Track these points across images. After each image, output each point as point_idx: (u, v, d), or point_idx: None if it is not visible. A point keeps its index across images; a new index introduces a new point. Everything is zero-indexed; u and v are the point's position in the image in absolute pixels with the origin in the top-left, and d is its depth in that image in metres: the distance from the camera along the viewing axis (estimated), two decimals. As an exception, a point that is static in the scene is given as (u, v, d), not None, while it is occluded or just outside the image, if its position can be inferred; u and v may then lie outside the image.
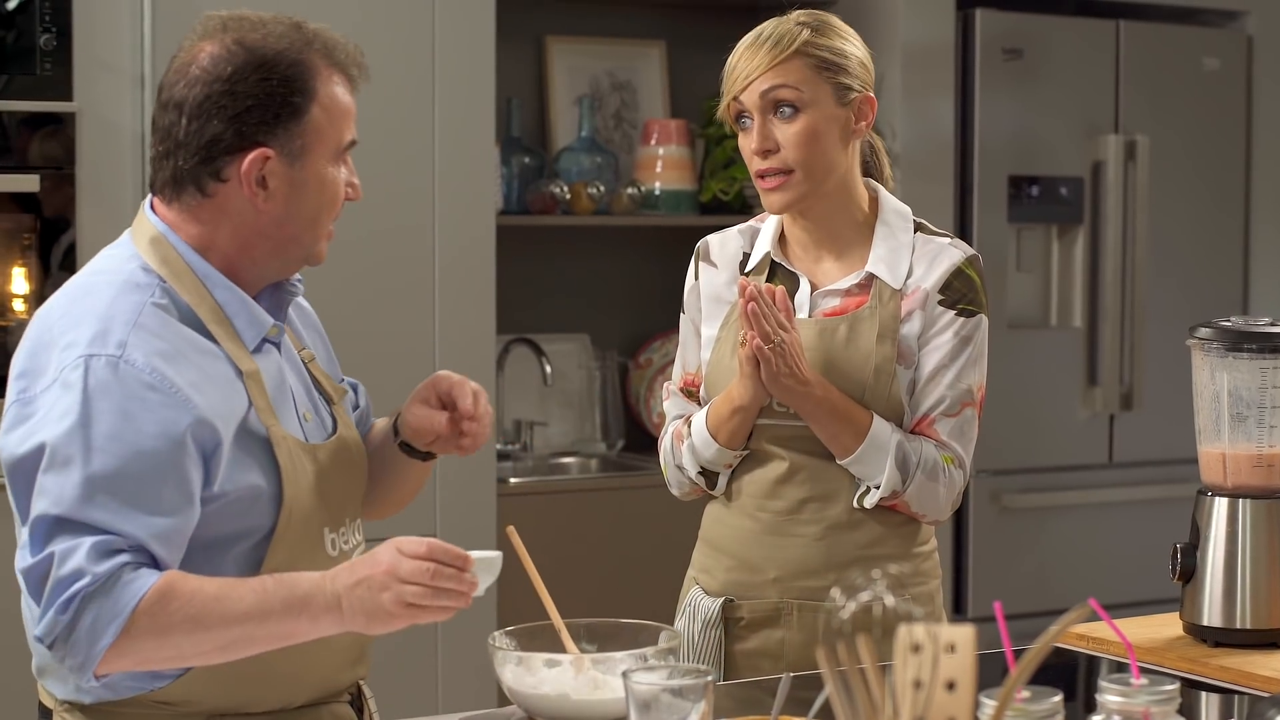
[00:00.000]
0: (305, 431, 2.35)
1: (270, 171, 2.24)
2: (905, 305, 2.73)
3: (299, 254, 2.32)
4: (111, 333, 2.17)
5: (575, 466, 5.23)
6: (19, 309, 4.13)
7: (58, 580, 2.09)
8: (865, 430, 2.67)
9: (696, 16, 5.49)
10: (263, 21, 2.28)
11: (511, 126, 5.09)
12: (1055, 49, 5.35)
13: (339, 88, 2.29)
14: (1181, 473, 5.60)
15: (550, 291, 5.32)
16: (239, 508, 2.22)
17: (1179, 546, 2.67)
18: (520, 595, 4.48)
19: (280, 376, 2.33)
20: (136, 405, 2.14)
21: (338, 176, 2.30)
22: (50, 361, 2.18)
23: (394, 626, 2.16)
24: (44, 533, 2.12)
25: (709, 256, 2.88)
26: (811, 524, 2.75)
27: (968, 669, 1.41)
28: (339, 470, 2.37)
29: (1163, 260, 5.54)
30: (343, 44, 2.32)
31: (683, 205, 5.22)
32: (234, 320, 2.28)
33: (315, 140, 2.26)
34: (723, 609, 2.79)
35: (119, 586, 2.09)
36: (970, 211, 5.25)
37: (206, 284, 2.27)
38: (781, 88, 2.71)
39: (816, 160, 2.72)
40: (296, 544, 2.27)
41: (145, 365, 2.16)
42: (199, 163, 2.24)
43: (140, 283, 2.24)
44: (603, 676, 2.19)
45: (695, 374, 2.87)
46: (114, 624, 2.09)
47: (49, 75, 4.11)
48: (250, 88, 2.22)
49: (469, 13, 4.55)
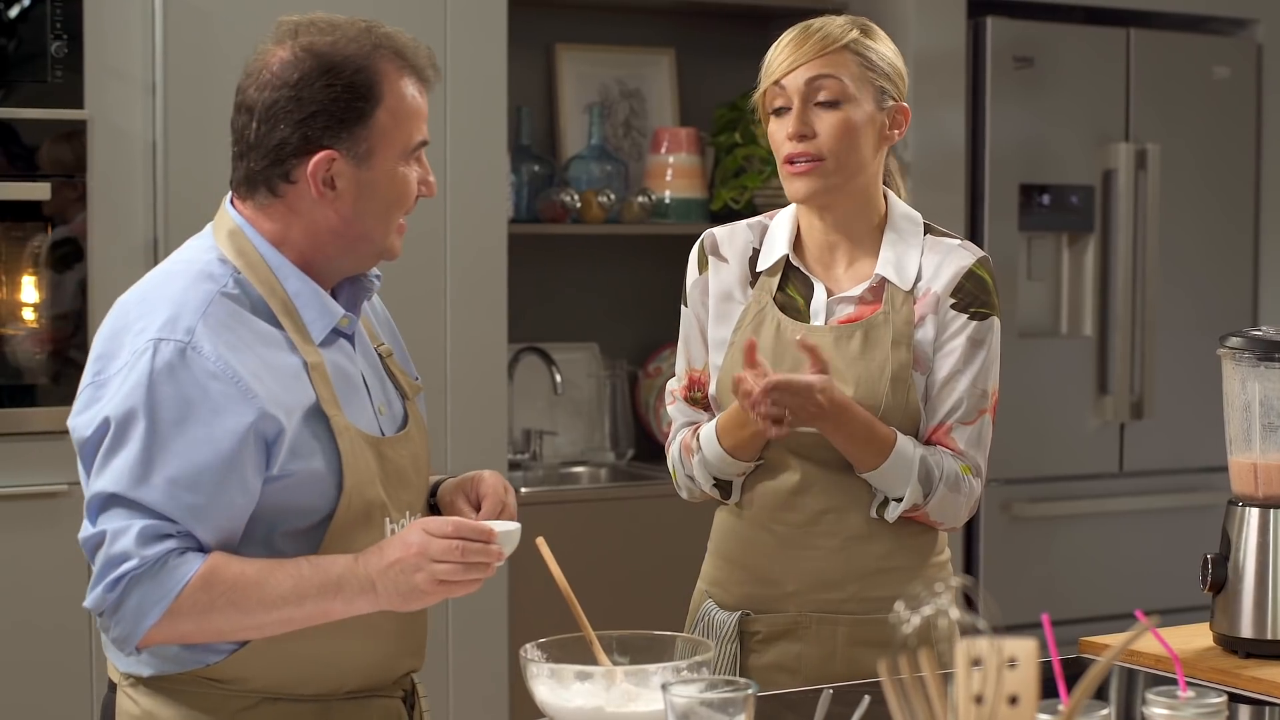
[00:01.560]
0: (380, 423, 2.41)
1: (337, 173, 2.31)
2: (918, 310, 2.71)
3: (370, 250, 2.39)
4: (181, 319, 2.26)
5: (585, 476, 5.21)
6: (29, 317, 4.11)
7: (108, 558, 2.21)
8: (889, 448, 2.65)
9: (706, 24, 5.48)
10: (334, 26, 2.35)
11: (521, 134, 5.07)
12: (1066, 57, 5.34)
13: (409, 90, 2.35)
14: (1192, 482, 5.60)
15: (559, 300, 5.30)
16: (299, 489, 2.29)
17: (1209, 557, 2.65)
18: (529, 608, 4.48)
19: (350, 368, 2.40)
20: (199, 393, 2.23)
21: (408, 175, 2.37)
22: (124, 345, 2.27)
23: (427, 603, 2.29)
24: (99, 507, 2.23)
25: (717, 250, 2.85)
26: (829, 536, 2.73)
27: (1030, 683, 1.39)
28: (404, 463, 2.42)
29: (1173, 269, 5.52)
30: (414, 46, 2.39)
31: (693, 214, 5.20)
32: (303, 311, 2.35)
33: (382, 142, 2.32)
34: (739, 623, 2.77)
35: (165, 571, 2.21)
36: (981, 220, 5.23)
37: (278, 275, 2.36)
38: (828, 78, 2.70)
39: (850, 155, 2.71)
40: (355, 529, 2.33)
41: (212, 353, 2.24)
42: (268, 165, 2.33)
43: (214, 273, 2.33)
44: (635, 689, 2.17)
45: (701, 371, 2.84)
46: (158, 606, 2.21)
47: (60, 83, 4.09)
48: (316, 94, 2.30)
49: (481, 21, 4.54)
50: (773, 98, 2.75)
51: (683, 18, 5.47)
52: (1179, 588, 5.52)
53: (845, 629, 2.73)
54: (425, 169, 2.41)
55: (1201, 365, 5.59)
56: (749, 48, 5.57)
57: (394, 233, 2.39)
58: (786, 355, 2.72)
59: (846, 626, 2.73)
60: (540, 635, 2.29)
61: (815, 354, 2.56)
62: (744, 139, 5.17)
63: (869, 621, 2.72)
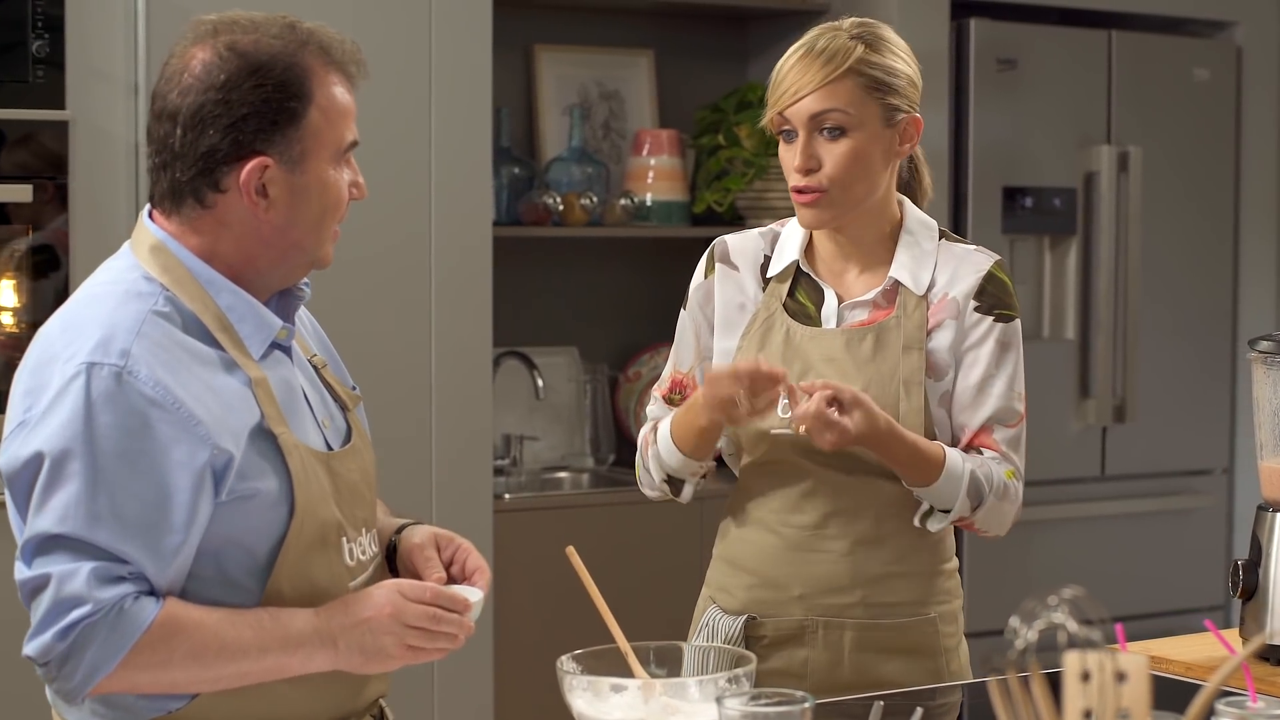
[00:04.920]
0: (326, 437, 2.30)
1: (270, 179, 2.18)
2: (933, 316, 2.69)
3: (304, 259, 2.27)
4: (114, 341, 2.11)
5: (567, 482, 5.16)
6: (7, 323, 4.03)
7: (56, 603, 2.06)
8: (940, 467, 2.62)
9: (685, 25, 5.45)
10: (255, 24, 2.21)
11: (501, 136, 5.02)
12: (1048, 59, 5.32)
13: (337, 88, 2.23)
14: (1175, 485, 5.60)
15: (539, 303, 5.26)
16: (248, 514, 2.16)
17: (1240, 563, 2.62)
18: (514, 617, 4.43)
19: (292, 383, 2.28)
20: (139, 422, 2.09)
21: (340, 179, 2.25)
22: (54, 374, 2.12)
23: (389, 667, 2.22)
24: (37, 549, 2.08)
25: (728, 258, 2.81)
26: (838, 539, 2.70)
27: (1143, 698, 1.34)
28: (354, 477, 2.32)
29: (1155, 272, 5.51)
30: (339, 41, 2.26)
31: (675, 216, 5.16)
32: (239, 326, 2.22)
33: (315, 144, 2.20)
34: (744, 627, 2.73)
35: (122, 618, 2.07)
36: (965, 223, 5.21)
37: (210, 290, 2.22)
38: (831, 112, 2.67)
39: (857, 181, 2.69)
40: (311, 552, 2.22)
41: (149, 378, 2.10)
42: (196, 174, 2.19)
43: (142, 291, 2.19)
44: (674, 701, 2.12)
45: (686, 375, 2.82)
46: (115, 656, 2.07)
47: (41, 83, 4.01)
48: (245, 95, 2.16)
49: (466, 23, 4.49)
50: (779, 122, 2.71)
51: (661, 19, 5.43)
52: (1161, 592, 5.52)
53: (852, 634, 2.70)
54: (354, 170, 2.28)
55: (1184, 368, 5.59)
56: (728, 49, 5.57)
57: (328, 240, 2.27)
58: (796, 360, 2.70)
59: (854, 631, 2.70)
60: (527, 650, 2.24)
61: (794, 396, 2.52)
62: (727, 141, 5.13)
63: (876, 627, 2.70)
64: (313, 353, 2.41)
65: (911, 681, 2.66)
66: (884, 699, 2.10)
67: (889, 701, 2.04)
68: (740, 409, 2.53)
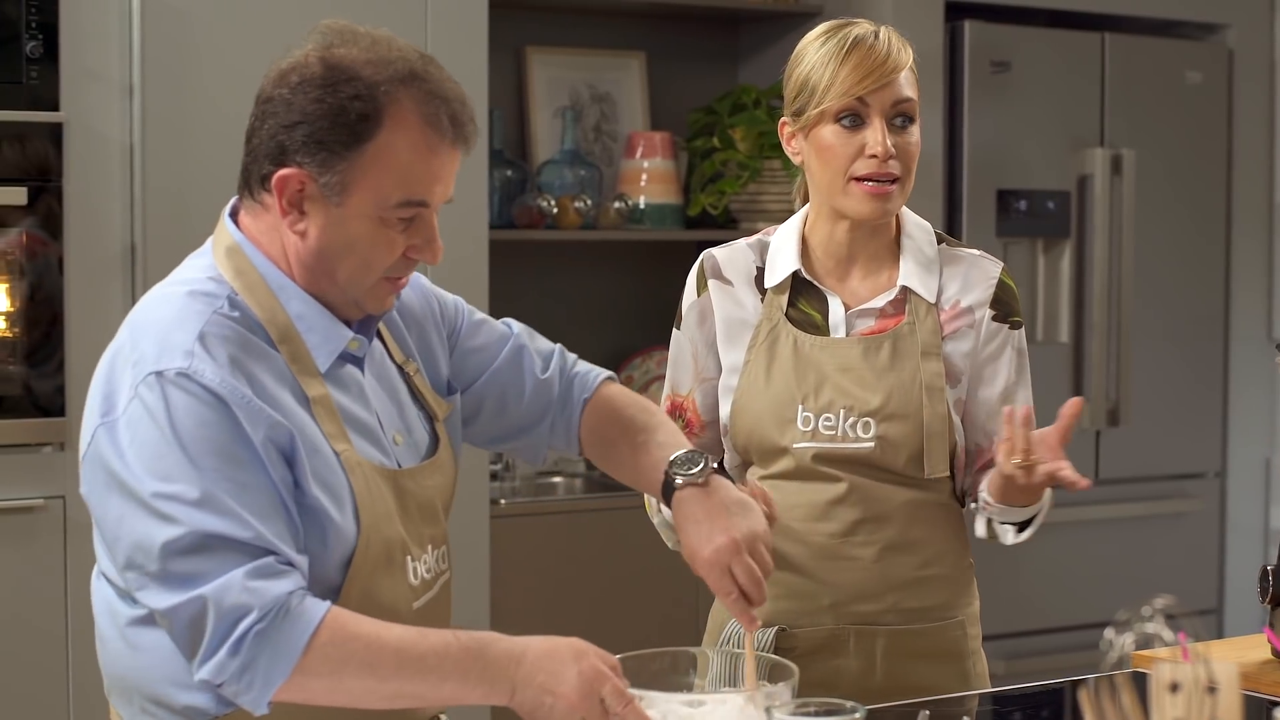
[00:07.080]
0: (396, 455, 2.21)
1: (310, 197, 2.08)
2: (947, 323, 2.67)
3: (340, 297, 2.15)
4: (177, 346, 2.03)
5: (561, 487, 5.14)
6: (1, 326, 3.98)
7: (221, 615, 1.96)
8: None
9: (675, 27, 5.43)
10: (374, 42, 2.12)
11: (493, 139, 4.98)
12: (1041, 61, 5.31)
13: (416, 140, 2.07)
14: (1168, 489, 5.59)
15: (531, 306, 5.21)
16: (315, 527, 2.07)
17: (1269, 569, 2.60)
18: (510, 622, 4.39)
19: (359, 396, 2.19)
20: (212, 415, 2.00)
21: (381, 234, 2.09)
22: (125, 380, 2.05)
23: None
24: (177, 557, 1.98)
25: (720, 273, 2.75)
26: (867, 546, 2.67)
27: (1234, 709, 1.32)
28: (428, 494, 2.25)
29: (1148, 275, 5.50)
30: (452, 100, 2.11)
31: (668, 219, 5.12)
32: (306, 336, 2.13)
33: (360, 182, 2.06)
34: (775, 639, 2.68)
35: (288, 619, 1.97)
36: (959, 225, 5.20)
37: (280, 297, 2.13)
38: (910, 100, 2.67)
39: (914, 173, 2.70)
40: (377, 572, 2.14)
41: (215, 377, 2.02)
42: (251, 162, 2.13)
43: (209, 292, 2.11)
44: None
45: (685, 397, 2.77)
46: (289, 661, 1.97)
47: (35, 84, 3.97)
48: (307, 103, 2.06)
49: (462, 24, 4.46)
50: (842, 110, 2.65)
51: (652, 21, 5.41)
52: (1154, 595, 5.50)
53: (884, 641, 2.67)
54: (427, 231, 2.12)
55: (1177, 372, 5.58)
56: (719, 51, 5.54)
57: (368, 289, 2.13)
58: (809, 371, 2.65)
59: (885, 638, 2.67)
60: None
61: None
62: (721, 144, 5.10)
63: (907, 633, 2.67)
64: (404, 357, 2.32)
65: (941, 685, 2.63)
66: (928, 705, 2.08)
67: (934, 708, 2.02)
68: None
